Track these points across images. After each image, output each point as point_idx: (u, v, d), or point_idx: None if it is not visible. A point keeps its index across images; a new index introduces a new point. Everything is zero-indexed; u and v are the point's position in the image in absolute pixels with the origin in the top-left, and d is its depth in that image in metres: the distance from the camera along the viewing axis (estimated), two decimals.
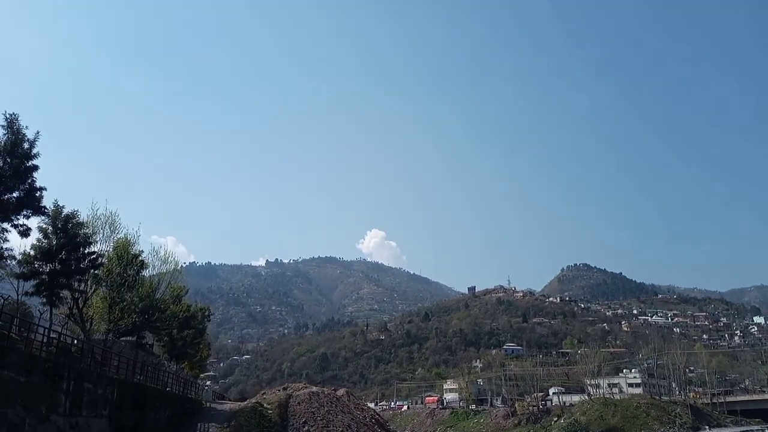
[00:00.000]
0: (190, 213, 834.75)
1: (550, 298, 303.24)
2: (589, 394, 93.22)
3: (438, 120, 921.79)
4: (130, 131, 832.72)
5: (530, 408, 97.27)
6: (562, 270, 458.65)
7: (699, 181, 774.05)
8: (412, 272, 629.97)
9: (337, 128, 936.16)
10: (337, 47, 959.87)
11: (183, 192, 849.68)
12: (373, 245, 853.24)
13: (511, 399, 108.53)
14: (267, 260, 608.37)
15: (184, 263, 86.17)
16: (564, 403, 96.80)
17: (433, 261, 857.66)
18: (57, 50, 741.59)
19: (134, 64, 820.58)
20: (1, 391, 19.84)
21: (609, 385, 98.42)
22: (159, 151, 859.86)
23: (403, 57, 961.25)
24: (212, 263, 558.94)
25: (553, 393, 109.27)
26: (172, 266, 52.12)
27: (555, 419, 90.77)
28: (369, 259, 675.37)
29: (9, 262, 32.36)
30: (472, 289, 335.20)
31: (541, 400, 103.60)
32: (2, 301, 27.52)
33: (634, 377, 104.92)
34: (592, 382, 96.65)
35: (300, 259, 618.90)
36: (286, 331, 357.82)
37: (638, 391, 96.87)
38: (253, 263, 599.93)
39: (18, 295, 35.21)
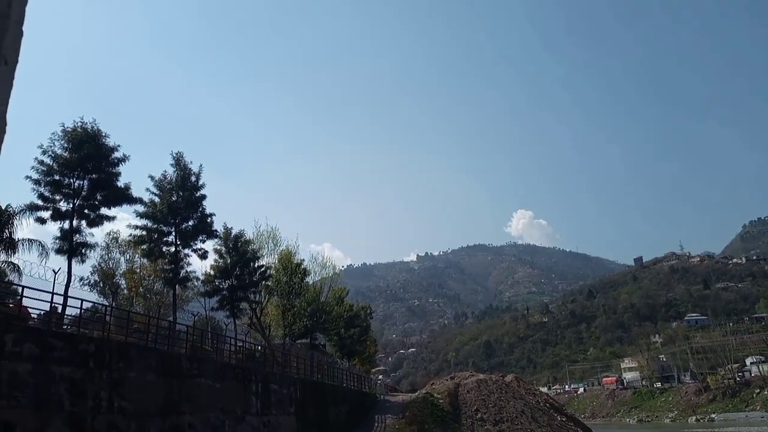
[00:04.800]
0: (340, 219, 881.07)
1: (734, 260, 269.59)
2: None
3: (578, 84, 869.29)
4: (277, 151, 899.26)
5: (725, 381, 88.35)
6: (744, 227, 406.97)
7: None
8: (568, 249, 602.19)
9: (466, 112, 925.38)
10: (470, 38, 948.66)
11: (331, 200, 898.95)
12: (522, 227, 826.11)
13: (702, 373, 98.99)
14: (418, 255, 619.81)
15: (342, 266, 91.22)
16: (765, 373, 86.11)
17: (590, 235, 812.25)
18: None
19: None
20: (202, 397, 22.33)
21: None
22: (304, 165, 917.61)
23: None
24: (367, 263, 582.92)
25: (751, 363, 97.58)
26: (331, 270, 55.23)
27: (757, 391, 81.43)
28: (520, 242, 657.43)
29: (195, 282, 36.39)
30: (638, 260, 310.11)
31: (738, 372, 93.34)
32: (194, 318, 30.94)
33: None
34: None
35: (449, 250, 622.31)
36: (446, 321, 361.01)
37: None
38: (405, 259, 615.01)
39: (206, 311, 39.47)
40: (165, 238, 31.74)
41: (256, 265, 39.28)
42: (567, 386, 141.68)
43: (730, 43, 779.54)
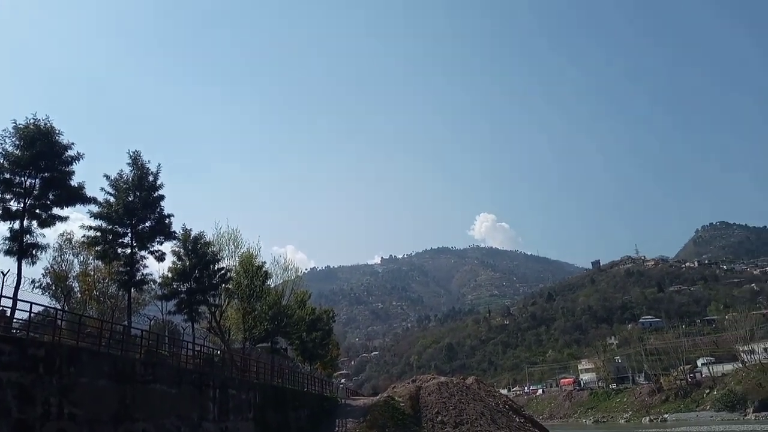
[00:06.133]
0: (304, 221, 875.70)
1: (687, 263, 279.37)
2: (743, 362, 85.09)
3: (540, 90, 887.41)
4: (238, 151, 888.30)
5: (678, 382, 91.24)
6: (697, 231, 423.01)
7: None
8: (529, 253, 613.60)
9: (428, 118, 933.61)
10: (445, 42, 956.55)
11: (295, 202, 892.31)
12: (485, 230, 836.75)
13: (655, 374, 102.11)
14: (382, 257, 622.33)
15: (305, 269, 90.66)
16: (715, 373, 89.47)
17: (551, 239, 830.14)
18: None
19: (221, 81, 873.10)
20: (157, 403, 21.81)
21: (765, 349, 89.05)
22: (267, 166, 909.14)
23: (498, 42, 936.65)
24: (331, 266, 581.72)
25: (702, 364, 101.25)
26: (294, 273, 54.73)
27: (707, 391, 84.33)
28: (482, 245, 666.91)
29: (151, 285, 35.52)
30: (596, 263, 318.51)
31: (689, 373, 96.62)
32: (150, 322, 30.20)
33: None
34: (745, 348, 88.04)
35: (413, 253, 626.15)
36: (409, 324, 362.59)
37: None
38: (369, 262, 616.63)
39: (163, 314, 38.56)
40: (120, 240, 30.83)
41: (216, 268, 38.57)
42: (526, 388, 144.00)
43: (682, 54, 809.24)
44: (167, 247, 34.03)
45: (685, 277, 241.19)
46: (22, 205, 24.51)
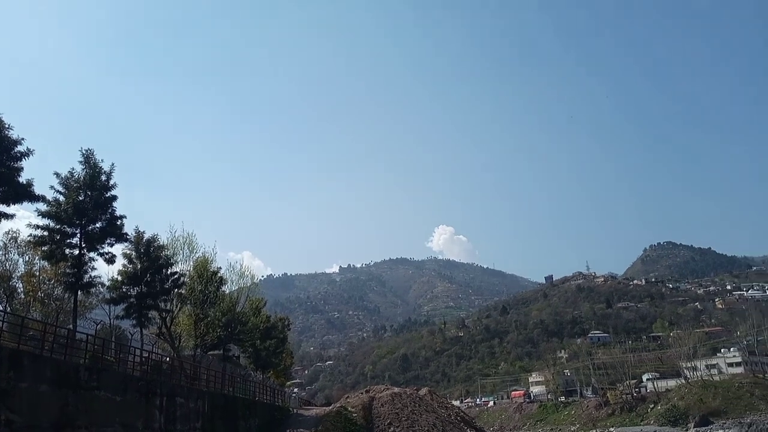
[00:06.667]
0: (262, 227, 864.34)
1: (635, 281, 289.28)
2: (686, 378, 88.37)
3: (501, 106, 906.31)
4: (196, 153, 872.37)
5: (623, 396, 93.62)
6: (645, 250, 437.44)
7: None
8: (485, 266, 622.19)
9: (393, 127, 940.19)
10: (389, 46, 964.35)
11: (254, 207, 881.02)
12: (443, 242, 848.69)
13: (602, 388, 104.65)
14: (340, 266, 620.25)
15: (262, 276, 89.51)
16: (659, 389, 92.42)
17: (507, 253, 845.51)
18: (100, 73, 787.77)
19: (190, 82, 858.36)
20: (101, 411, 21.09)
21: (707, 366, 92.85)
22: (227, 170, 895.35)
23: (465, 45, 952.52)
24: (288, 274, 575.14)
25: (647, 379, 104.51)
26: (249, 280, 53.79)
27: (651, 406, 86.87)
28: (440, 257, 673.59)
29: (99, 288, 34.43)
30: (549, 278, 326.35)
31: (635, 388, 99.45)
32: (96, 326, 29.25)
33: (734, 356, 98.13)
34: (688, 364, 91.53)
35: (372, 263, 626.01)
36: (365, 334, 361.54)
37: (739, 370, 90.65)
38: (327, 270, 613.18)
39: (110, 319, 37.41)
40: (69, 240, 29.87)
41: (168, 272, 37.76)
42: (478, 399, 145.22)
43: (631, 74, 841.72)
44: (118, 249, 33.25)
45: (632, 294, 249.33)
46: None
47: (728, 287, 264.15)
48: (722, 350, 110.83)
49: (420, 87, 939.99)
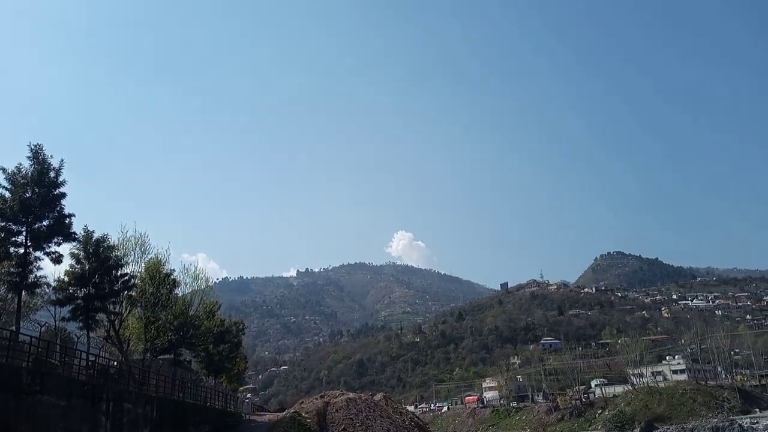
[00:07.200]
0: (218, 229, 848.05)
1: (585, 289, 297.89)
2: (632, 384, 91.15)
3: (462, 115, 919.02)
4: (151, 152, 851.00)
5: (573, 402, 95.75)
6: (596, 259, 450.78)
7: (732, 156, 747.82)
8: (443, 272, 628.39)
9: (354, 132, 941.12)
10: (346, 47, 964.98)
11: (210, 209, 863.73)
12: (401, 248, 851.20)
13: (553, 394, 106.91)
14: (298, 270, 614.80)
15: (217, 279, 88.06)
16: (607, 394, 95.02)
17: (464, 259, 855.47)
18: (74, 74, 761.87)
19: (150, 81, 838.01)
20: (44, 416, 20.27)
21: (653, 373, 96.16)
22: (182, 170, 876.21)
23: (427, 52, 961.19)
24: (244, 277, 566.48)
25: (596, 385, 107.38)
26: (203, 283, 52.67)
27: (599, 411, 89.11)
28: (398, 262, 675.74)
29: (45, 289, 33.15)
30: (504, 285, 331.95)
31: (584, 393, 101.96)
32: (41, 328, 28.14)
33: (678, 364, 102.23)
34: (635, 371, 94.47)
35: (330, 267, 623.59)
36: (321, 339, 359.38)
37: (683, 377, 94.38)
38: (285, 274, 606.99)
39: (55, 321, 36.01)
40: (13, 238, 28.71)
41: (118, 273, 36.70)
42: (433, 405, 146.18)
43: (588, 92, 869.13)
44: (66, 248, 32.16)
45: (583, 301, 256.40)
46: None
47: (674, 297, 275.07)
48: (667, 357, 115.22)
49: (382, 92, 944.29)
